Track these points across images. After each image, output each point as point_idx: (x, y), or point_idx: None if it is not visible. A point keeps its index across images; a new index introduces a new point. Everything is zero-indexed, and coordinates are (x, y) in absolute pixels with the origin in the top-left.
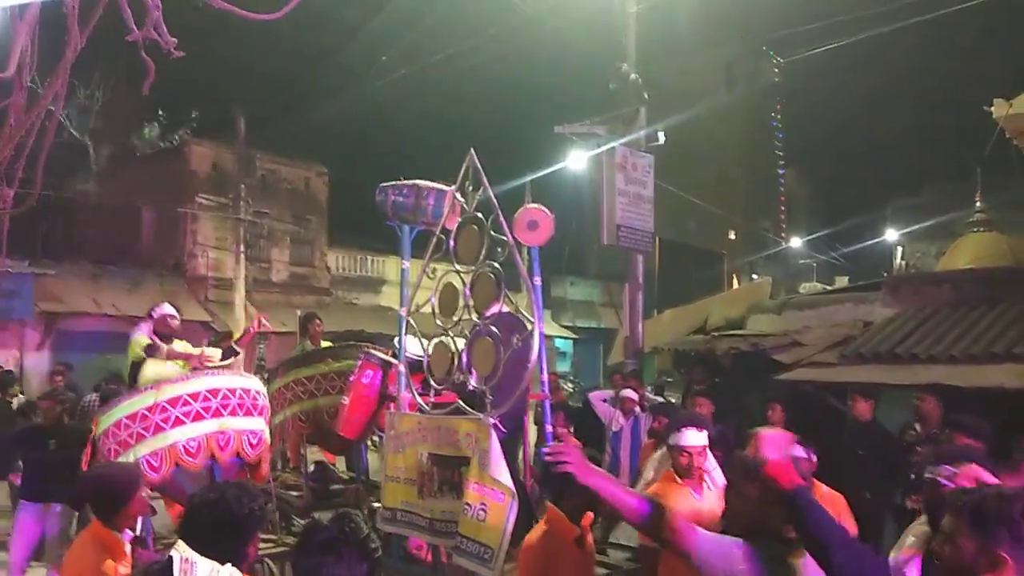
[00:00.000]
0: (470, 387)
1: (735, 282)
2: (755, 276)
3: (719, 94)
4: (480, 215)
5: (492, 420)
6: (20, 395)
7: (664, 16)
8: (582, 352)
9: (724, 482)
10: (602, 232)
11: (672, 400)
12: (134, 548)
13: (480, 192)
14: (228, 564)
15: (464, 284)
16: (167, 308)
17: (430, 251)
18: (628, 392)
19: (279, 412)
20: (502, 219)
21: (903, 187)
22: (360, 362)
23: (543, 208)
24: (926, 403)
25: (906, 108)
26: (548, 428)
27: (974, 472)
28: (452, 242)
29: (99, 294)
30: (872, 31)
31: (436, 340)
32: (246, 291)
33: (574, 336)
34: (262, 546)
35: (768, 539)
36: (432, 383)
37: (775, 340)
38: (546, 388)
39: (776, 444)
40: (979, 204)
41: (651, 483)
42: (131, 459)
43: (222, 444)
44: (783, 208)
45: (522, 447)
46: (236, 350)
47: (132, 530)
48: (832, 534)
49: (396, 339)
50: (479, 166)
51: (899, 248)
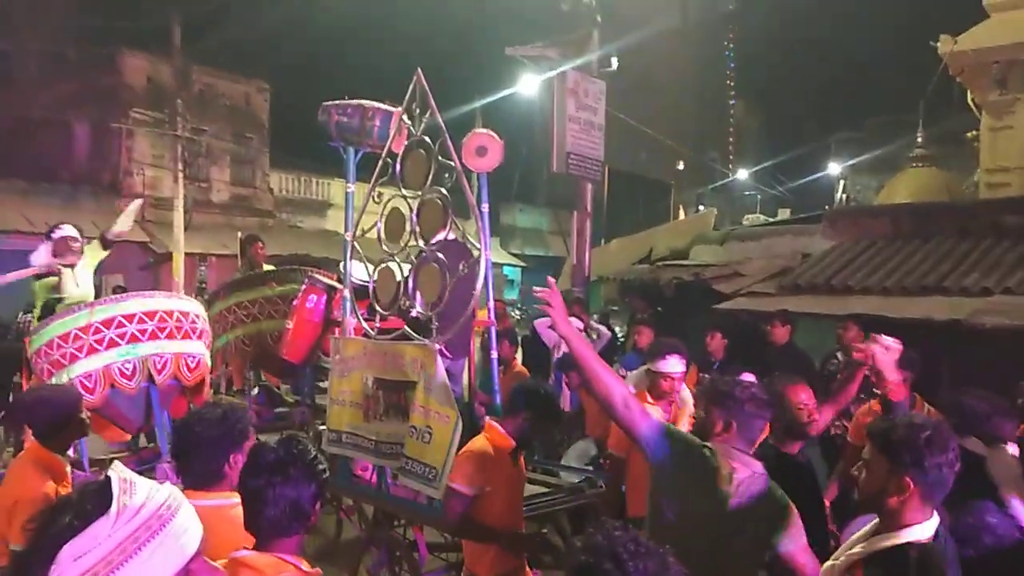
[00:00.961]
0: (414, 313)
1: (681, 213)
2: (701, 207)
3: (673, 20)
4: (427, 139)
5: (438, 346)
6: None
7: None
8: (530, 280)
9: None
10: (552, 159)
11: (616, 328)
12: (72, 470)
13: (428, 115)
14: (167, 484)
15: (411, 210)
16: (68, 230)
17: (376, 175)
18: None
19: (222, 335)
20: (450, 144)
21: (847, 121)
22: (304, 286)
23: (492, 133)
24: (849, 332)
25: (854, 42)
26: (493, 354)
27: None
28: (399, 166)
29: (31, 211)
30: None
31: (382, 266)
32: (185, 211)
33: (522, 264)
34: None
35: None
36: (378, 308)
37: (717, 271)
38: (491, 315)
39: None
40: (920, 139)
41: None
42: (64, 379)
43: (159, 367)
44: (731, 140)
45: (468, 372)
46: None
47: (69, 452)
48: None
49: (341, 264)
50: (427, 87)
51: (841, 181)
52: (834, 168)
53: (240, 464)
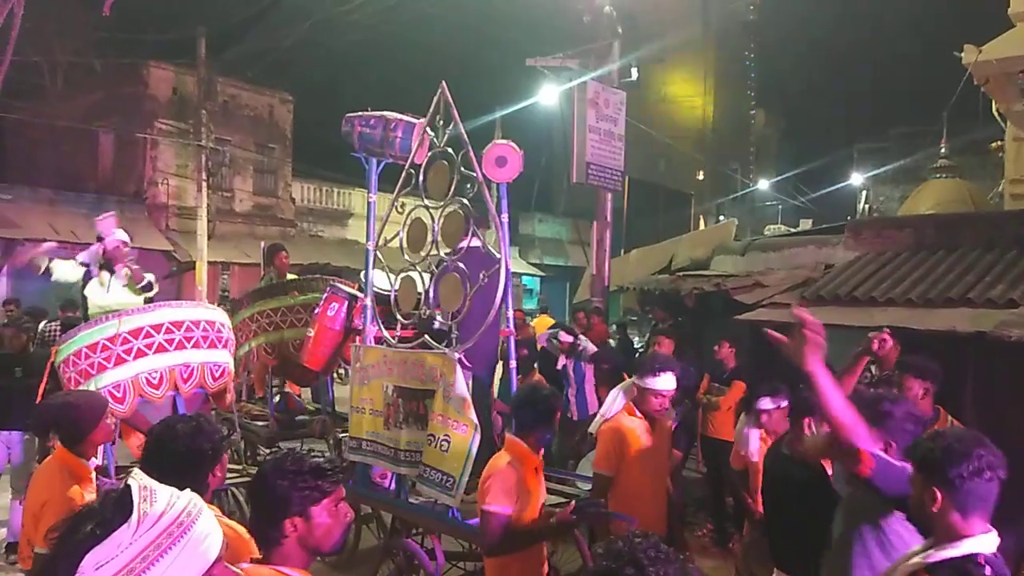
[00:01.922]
0: (435, 325)
1: (702, 223)
2: (722, 218)
3: (693, 31)
4: (450, 150)
5: (458, 355)
6: None
7: None
8: (549, 290)
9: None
10: (572, 169)
11: (635, 338)
12: (97, 476)
13: (451, 127)
14: (187, 490)
15: (433, 220)
16: (121, 235)
17: (399, 186)
18: (563, 335)
19: (244, 343)
20: (472, 155)
21: (870, 131)
22: (326, 295)
23: (512, 144)
24: (885, 343)
25: (877, 52)
26: (512, 364)
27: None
28: (421, 177)
29: (56, 220)
30: None
31: (403, 275)
32: (209, 221)
33: (541, 274)
34: (228, 476)
35: None
36: (398, 317)
37: (738, 281)
38: (511, 325)
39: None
40: (944, 150)
41: (609, 415)
42: (93, 389)
43: (185, 376)
44: (752, 150)
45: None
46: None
47: (95, 458)
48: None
49: (363, 273)
50: (450, 100)
51: (863, 192)
52: (856, 178)
53: (220, 476)
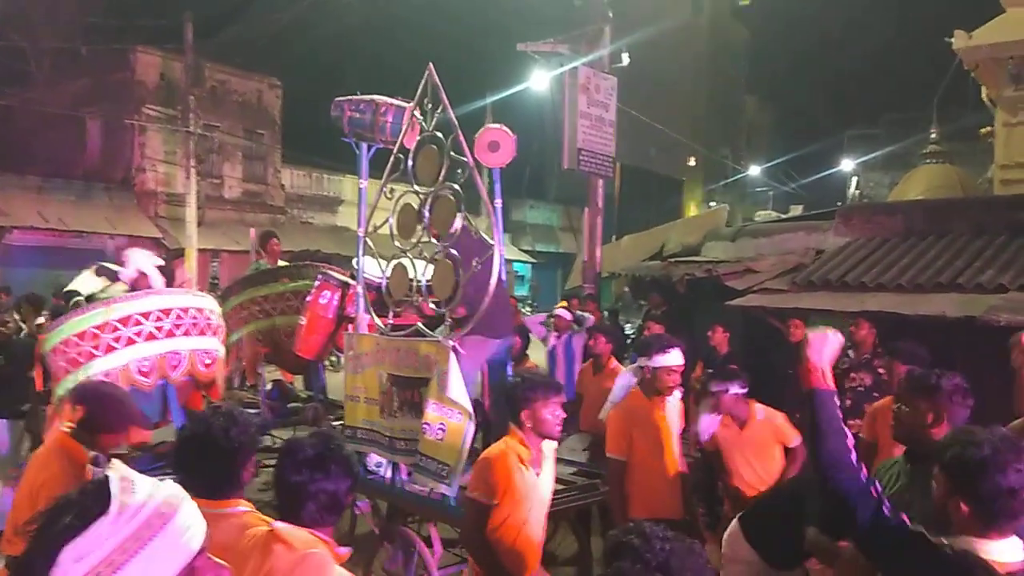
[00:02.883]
0: (437, 310)
1: (693, 209)
2: (713, 204)
3: (684, 15)
4: (439, 134)
5: (451, 342)
6: None
7: None
8: (540, 276)
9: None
10: (563, 155)
11: (627, 325)
12: (91, 466)
13: (439, 110)
14: (169, 481)
15: (423, 205)
16: (142, 262)
17: (388, 171)
18: (560, 311)
19: (235, 331)
20: (462, 139)
21: (860, 118)
22: (318, 282)
23: (505, 128)
24: (861, 329)
25: (867, 37)
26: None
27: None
28: (410, 162)
29: (45, 207)
30: None
31: (395, 262)
32: (198, 208)
33: (533, 260)
34: None
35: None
36: (390, 305)
37: (729, 267)
38: None
39: (818, 347)
40: (934, 136)
41: (617, 403)
42: (82, 377)
43: (174, 364)
44: (745, 136)
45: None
46: None
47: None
48: (828, 434)
49: (354, 260)
50: (438, 83)
51: (854, 178)
52: (847, 164)
53: (252, 469)
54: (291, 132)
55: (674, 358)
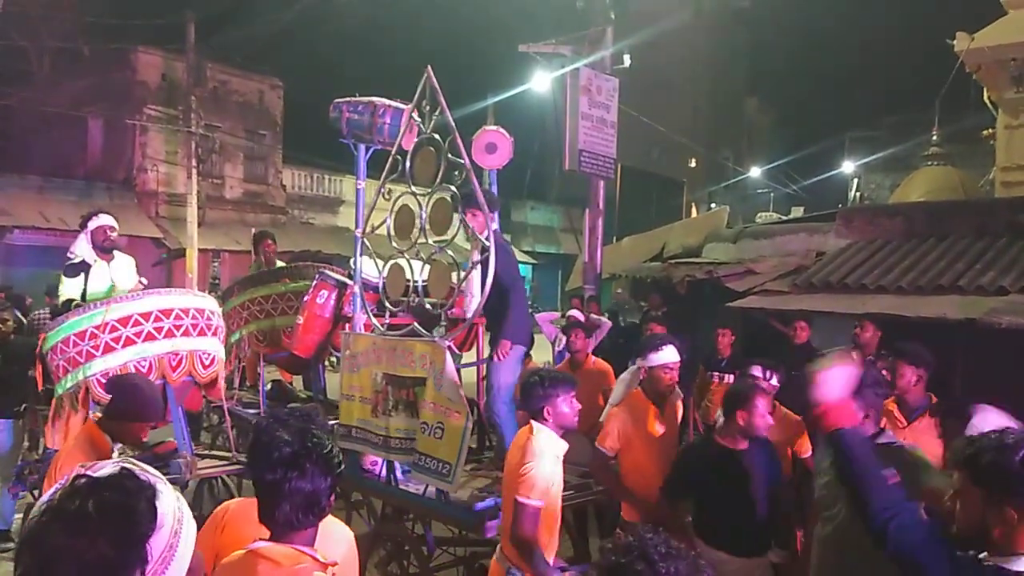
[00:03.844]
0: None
1: (694, 211)
2: (713, 205)
3: (686, 17)
4: (437, 136)
5: (447, 342)
6: None
7: None
8: (541, 277)
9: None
10: (564, 156)
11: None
12: None
13: (437, 112)
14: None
15: (420, 207)
16: (105, 219)
17: (385, 172)
18: (573, 312)
19: (235, 331)
20: (459, 141)
21: (861, 119)
22: (315, 282)
23: (502, 130)
24: (866, 331)
25: (869, 39)
26: None
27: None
28: (408, 163)
29: (46, 207)
30: None
31: (392, 262)
32: (199, 208)
33: (533, 261)
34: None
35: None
36: (387, 305)
37: (729, 268)
38: None
39: (828, 383)
40: (935, 138)
41: (618, 403)
42: (80, 377)
43: (174, 364)
44: (746, 137)
45: (477, 369)
46: None
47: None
48: (867, 479)
49: (352, 260)
50: (436, 85)
51: (854, 180)
52: (848, 166)
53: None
54: (292, 132)
55: (668, 355)
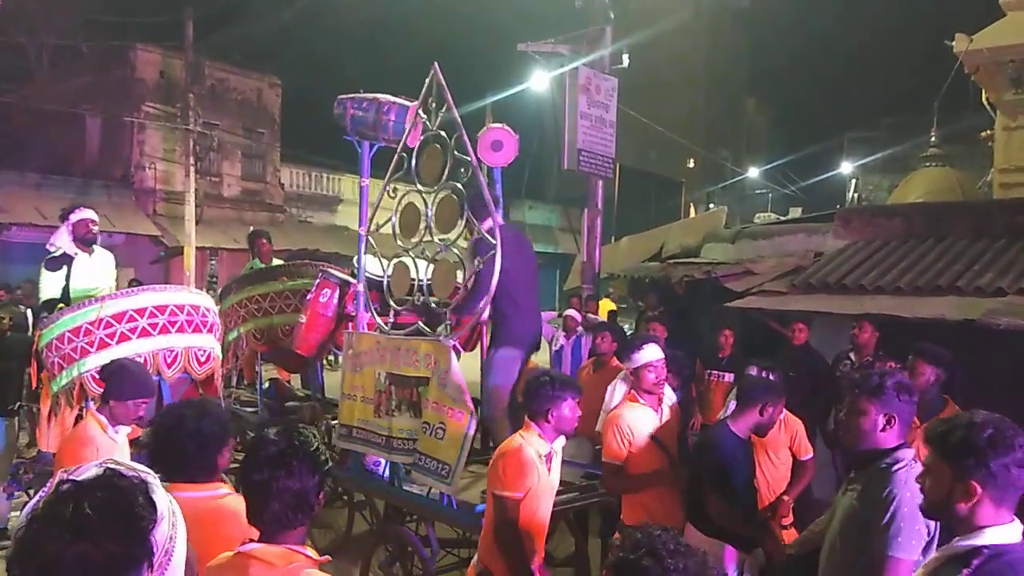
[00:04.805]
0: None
1: (692, 211)
2: (712, 205)
3: (685, 17)
4: (443, 134)
5: (452, 341)
6: None
7: None
8: (539, 276)
9: (674, 401)
10: (563, 155)
11: (624, 324)
12: None
13: (444, 110)
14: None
15: (426, 204)
16: (87, 212)
17: (391, 170)
18: (571, 312)
19: (233, 329)
20: (466, 138)
21: (860, 120)
22: (318, 281)
23: (507, 128)
24: (864, 332)
25: (868, 40)
26: None
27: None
28: (414, 161)
29: (43, 205)
30: None
31: (396, 260)
32: (196, 206)
33: None
34: None
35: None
36: (391, 304)
37: (728, 268)
38: None
39: None
40: (933, 139)
41: (614, 409)
42: (75, 374)
43: (168, 361)
44: (744, 138)
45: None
46: None
47: None
48: None
49: (355, 259)
50: (443, 82)
51: (853, 180)
52: (846, 167)
53: (227, 456)
54: (290, 131)
55: (649, 353)
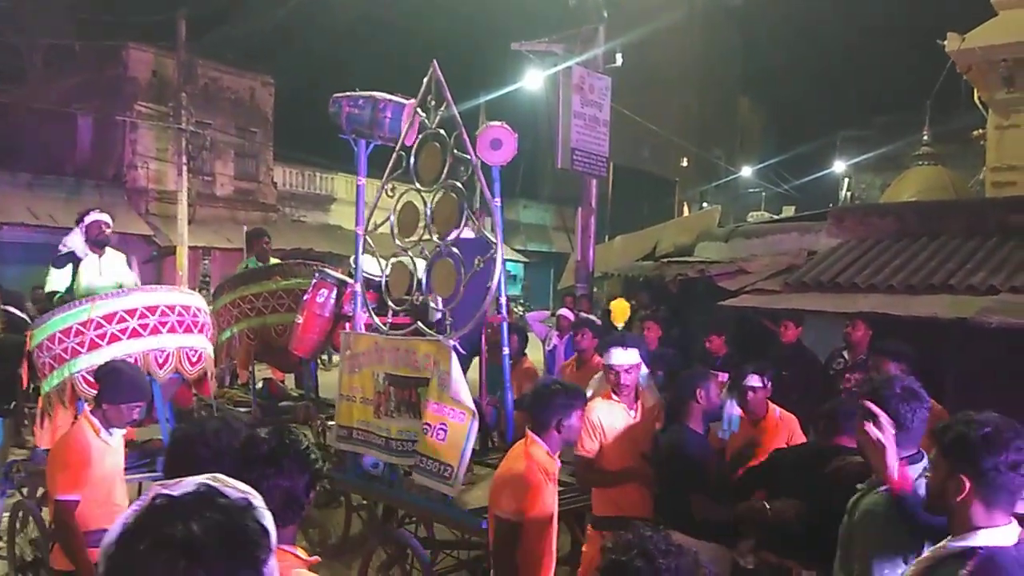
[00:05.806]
0: (437, 316)
1: (686, 210)
2: (705, 204)
3: (678, 16)
4: (442, 132)
5: (452, 342)
6: None
7: None
8: (533, 276)
9: (657, 399)
10: (557, 155)
11: (617, 325)
12: None
13: (443, 108)
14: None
15: (425, 204)
16: (101, 215)
17: (389, 168)
18: (564, 311)
19: (226, 329)
20: (466, 137)
21: (853, 119)
22: (315, 281)
23: (506, 126)
24: (857, 330)
25: (861, 39)
26: (505, 350)
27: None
28: (412, 160)
29: (35, 204)
30: None
31: (394, 260)
32: (189, 205)
33: (525, 260)
34: None
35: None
36: (389, 303)
37: (722, 267)
38: (504, 311)
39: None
40: (926, 138)
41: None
42: (66, 374)
43: (160, 361)
44: (738, 137)
45: (480, 369)
46: None
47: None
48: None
49: (351, 258)
50: (442, 80)
51: (846, 179)
52: (839, 166)
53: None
54: (283, 130)
55: (614, 357)
